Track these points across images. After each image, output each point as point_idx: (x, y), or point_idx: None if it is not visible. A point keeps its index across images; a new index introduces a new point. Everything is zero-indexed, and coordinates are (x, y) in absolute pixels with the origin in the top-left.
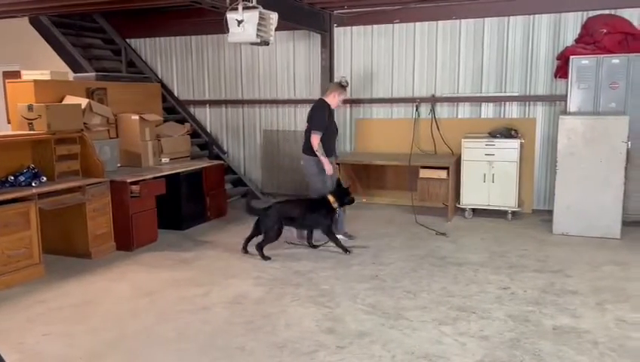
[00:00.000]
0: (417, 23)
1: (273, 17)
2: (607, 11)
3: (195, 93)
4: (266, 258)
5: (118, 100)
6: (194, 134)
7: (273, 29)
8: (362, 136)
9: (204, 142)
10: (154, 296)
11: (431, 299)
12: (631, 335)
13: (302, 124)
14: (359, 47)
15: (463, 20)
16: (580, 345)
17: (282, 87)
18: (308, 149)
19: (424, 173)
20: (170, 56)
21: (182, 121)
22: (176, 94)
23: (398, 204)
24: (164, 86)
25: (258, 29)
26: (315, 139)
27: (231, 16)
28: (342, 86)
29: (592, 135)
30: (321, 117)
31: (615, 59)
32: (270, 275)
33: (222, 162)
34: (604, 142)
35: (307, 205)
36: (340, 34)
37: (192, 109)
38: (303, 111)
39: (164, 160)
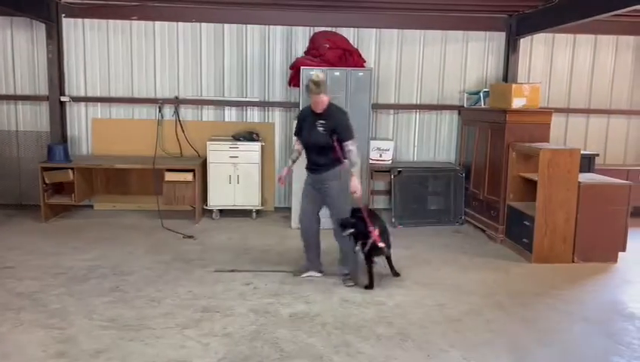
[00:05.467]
0: (157, 23)
1: None
2: (329, 28)
3: None
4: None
5: None
6: None
7: None
8: (100, 137)
9: None
10: None
11: (176, 304)
12: (352, 312)
13: (25, 124)
14: (94, 42)
15: (203, 24)
16: (311, 327)
17: None
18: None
19: (170, 176)
20: None
21: None
22: None
23: (143, 209)
24: None
25: None
26: None
27: None
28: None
29: None
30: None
31: (337, 72)
32: None
33: None
34: None
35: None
36: (70, 26)
37: None
38: (27, 109)
39: None
